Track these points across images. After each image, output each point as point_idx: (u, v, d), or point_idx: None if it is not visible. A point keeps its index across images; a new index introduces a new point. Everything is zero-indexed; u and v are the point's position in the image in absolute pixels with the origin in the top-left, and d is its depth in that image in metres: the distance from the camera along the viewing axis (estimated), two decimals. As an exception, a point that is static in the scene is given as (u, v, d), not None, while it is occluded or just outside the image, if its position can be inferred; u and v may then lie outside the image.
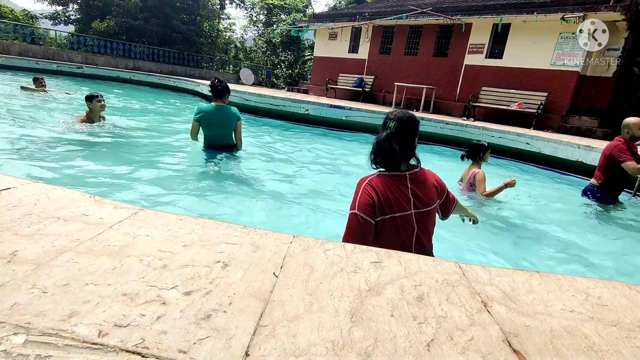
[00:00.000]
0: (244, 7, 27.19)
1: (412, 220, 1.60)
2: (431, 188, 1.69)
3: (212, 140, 3.84)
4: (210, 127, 3.73)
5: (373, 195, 1.56)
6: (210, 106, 3.66)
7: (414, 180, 1.63)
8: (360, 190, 1.60)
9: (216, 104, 3.65)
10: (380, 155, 1.64)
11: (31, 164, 3.21)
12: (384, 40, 13.13)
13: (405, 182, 1.61)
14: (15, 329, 0.76)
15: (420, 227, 1.63)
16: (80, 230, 1.23)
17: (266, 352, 0.79)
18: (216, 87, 3.63)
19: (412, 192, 1.61)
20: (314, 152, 5.73)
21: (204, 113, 3.62)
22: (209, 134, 3.81)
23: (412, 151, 1.67)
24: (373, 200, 1.56)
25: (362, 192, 1.59)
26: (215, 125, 3.73)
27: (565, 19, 8.59)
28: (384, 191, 1.57)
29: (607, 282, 1.31)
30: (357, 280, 1.12)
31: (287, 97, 9.36)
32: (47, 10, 20.86)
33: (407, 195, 1.60)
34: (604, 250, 3.01)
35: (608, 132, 8.55)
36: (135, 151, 4.17)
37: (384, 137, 1.62)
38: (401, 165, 1.65)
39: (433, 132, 7.94)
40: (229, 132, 3.83)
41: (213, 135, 3.81)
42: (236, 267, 1.12)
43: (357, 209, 1.56)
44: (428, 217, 1.66)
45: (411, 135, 1.66)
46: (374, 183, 1.60)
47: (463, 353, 0.86)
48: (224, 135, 3.82)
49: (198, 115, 3.62)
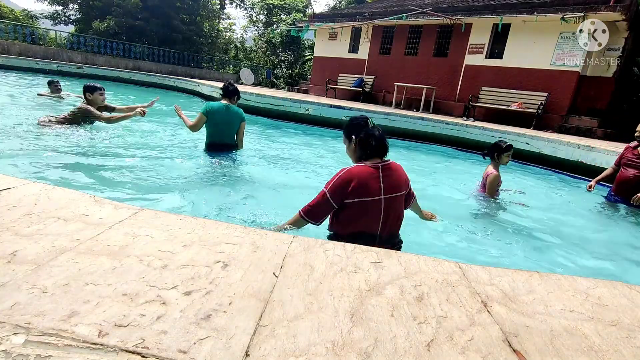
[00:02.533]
0: (244, 7, 27.19)
1: (381, 204, 1.84)
2: (400, 178, 1.94)
3: (214, 137, 3.89)
4: (215, 124, 3.80)
5: (348, 182, 1.78)
6: (219, 103, 3.77)
7: (386, 170, 1.87)
8: (338, 176, 1.82)
9: (225, 103, 3.77)
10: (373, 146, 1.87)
11: (31, 164, 3.21)
12: (384, 40, 13.13)
13: (378, 171, 1.84)
14: (15, 329, 0.76)
15: (388, 211, 1.86)
16: (80, 230, 1.23)
17: (266, 352, 0.79)
18: (226, 88, 3.82)
19: (383, 179, 1.84)
20: (314, 152, 5.73)
21: (212, 108, 3.71)
22: (212, 131, 3.87)
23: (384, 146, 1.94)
24: (346, 187, 1.78)
25: (339, 177, 1.81)
26: (220, 123, 3.80)
27: (565, 19, 8.59)
28: (360, 178, 1.79)
29: (607, 282, 1.31)
30: (357, 280, 1.12)
31: (287, 97, 9.37)
32: (47, 10, 20.86)
33: (379, 183, 1.83)
34: (605, 250, 3.01)
35: (608, 132, 8.55)
36: (135, 151, 4.17)
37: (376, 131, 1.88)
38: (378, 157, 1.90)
39: (433, 132, 7.94)
40: (232, 131, 3.89)
41: (216, 132, 3.86)
42: (236, 267, 1.12)
43: (328, 189, 1.81)
44: (395, 201, 1.90)
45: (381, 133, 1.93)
46: (353, 171, 1.82)
47: (463, 353, 0.86)
48: (226, 134, 3.88)
49: (206, 109, 3.72)
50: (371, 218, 1.84)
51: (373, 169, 1.83)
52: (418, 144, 7.54)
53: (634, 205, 3.80)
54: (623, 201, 3.96)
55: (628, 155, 3.97)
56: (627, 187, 3.89)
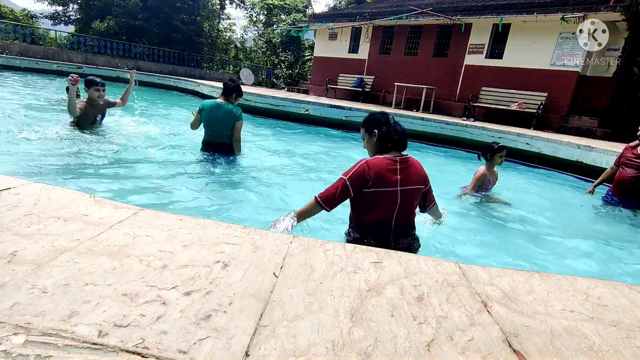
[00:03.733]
0: (244, 7, 27.18)
1: (397, 196, 1.91)
2: (418, 173, 2.01)
3: (208, 136, 3.84)
4: (208, 123, 3.74)
5: (366, 172, 1.86)
6: (212, 101, 3.70)
7: (403, 163, 1.95)
8: (358, 165, 1.91)
9: (219, 101, 3.69)
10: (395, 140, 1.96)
11: (31, 164, 3.21)
12: (384, 41, 13.13)
13: (396, 164, 1.92)
14: (15, 329, 0.76)
15: (403, 203, 1.93)
16: (80, 230, 1.23)
17: (266, 352, 0.79)
18: (225, 85, 3.73)
19: (400, 172, 1.92)
20: (314, 152, 5.73)
21: (204, 106, 3.67)
22: (206, 130, 3.82)
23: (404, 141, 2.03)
24: (365, 177, 1.86)
25: (359, 167, 1.89)
26: (212, 121, 3.71)
27: (565, 19, 8.59)
28: (377, 169, 1.88)
29: (607, 282, 1.31)
30: (357, 280, 1.12)
31: (287, 97, 9.37)
32: (47, 10, 20.86)
33: (396, 175, 1.91)
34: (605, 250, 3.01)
35: (608, 132, 8.55)
36: (135, 151, 4.17)
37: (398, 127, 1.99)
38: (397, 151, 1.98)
39: (433, 133, 7.94)
40: (226, 130, 3.75)
41: (209, 131, 3.81)
42: (236, 267, 1.12)
43: (348, 177, 1.88)
44: (411, 195, 1.98)
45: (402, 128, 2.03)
46: (370, 162, 1.90)
47: (463, 353, 0.86)
48: (219, 133, 3.77)
49: (200, 108, 3.70)
50: (387, 208, 1.92)
51: (392, 161, 1.92)
52: (418, 144, 7.54)
53: (632, 206, 3.81)
54: (620, 201, 3.95)
55: (627, 154, 3.96)
56: (625, 187, 3.89)
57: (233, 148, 3.87)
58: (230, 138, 3.80)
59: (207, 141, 3.87)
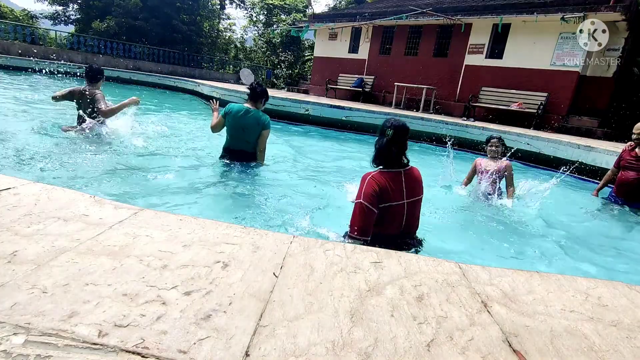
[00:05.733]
0: (244, 7, 27.19)
1: (404, 208, 1.96)
2: (419, 182, 2.07)
3: (229, 142, 3.60)
4: (231, 128, 3.50)
5: (376, 188, 1.87)
6: (239, 106, 3.46)
7: (407, 175, 1.98)
8: (365, 183, 1.90)
9: (247, 106, 3.46)
10: (382, 157, 1.98)
11: (31, 164, 3.21)
12: (384, 41, 13.13)
13: (401, 177, 1.95)
14: (15, 329, 0.76)
15: (409, 213, 2.00)
16: (80, 231, 1.23)
17: (266, 352, 0.79)
18: (253, 89, 3.50)
19: (405, 184, 1.95)
20: (314, 152, 5.73)
21: (230, 110, 3.43)
22: (228, 134, 3.58)
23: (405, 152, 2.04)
24: (377, 192, 1.86)
25: (367, 184, 1.89)
26: (236, 127, 3.46)
27: (565, 19, 8.58)
28: (384, 184, 1.89)
29: (607, 282, 1.31)
30: (357, 281, 1.12)
31: (287, 97, 9.36)
32: (47, 10, 20.88)
33: (402, 188, 1.94)
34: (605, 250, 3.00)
35: (608, 132, 8.55)
36: (135, 151, 4.17)
37: (385, 144, 1.96)
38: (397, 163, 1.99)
39: (433, 133, 7.94)
40: (249, 138, 3.50)
41: (231, 137, 3.57)
42: (236, 267, 1.12)
43: (362, 198, 1.87)
44: (416, 205, 2.05)
45: (405, 140, 2.01)
46: (376, 178, 1.90)
47: (463, 353, 0.86)
48: (242, 140, 3.52)
49: (225, 111, 3.47)
50: (396, 221, 1.95)
51: (395, 174, 1.94)
52: (419, 144, 7.54)
53: (635, 207, 3.82)
54: (624, 202, 3.99)
55: (627, 157, 4.00)
56: (628, 189, 3.96)
57: (254, 156, 3.62)
58: (253, 146, 3.56)
59: (227, 147, 3.61)
